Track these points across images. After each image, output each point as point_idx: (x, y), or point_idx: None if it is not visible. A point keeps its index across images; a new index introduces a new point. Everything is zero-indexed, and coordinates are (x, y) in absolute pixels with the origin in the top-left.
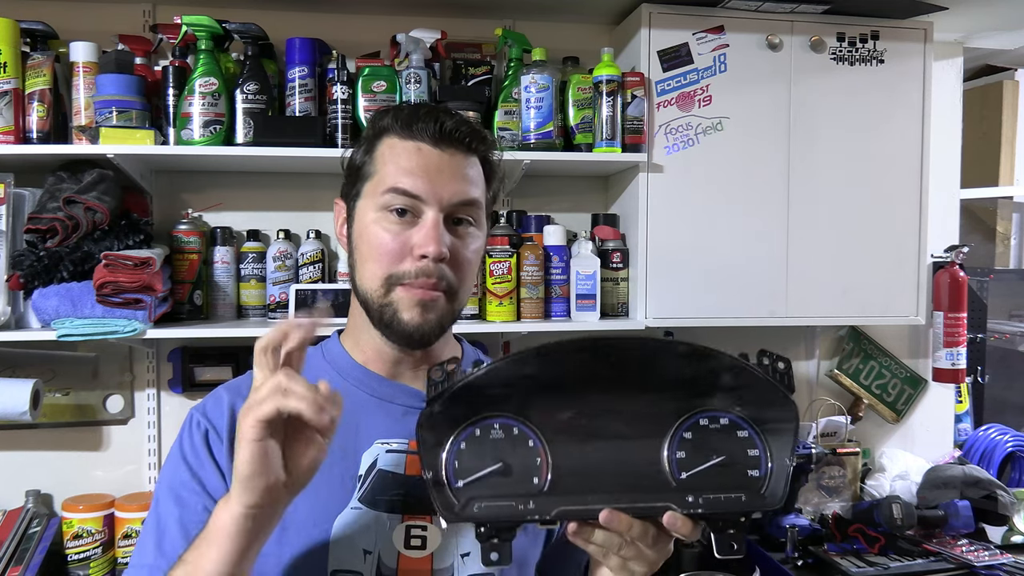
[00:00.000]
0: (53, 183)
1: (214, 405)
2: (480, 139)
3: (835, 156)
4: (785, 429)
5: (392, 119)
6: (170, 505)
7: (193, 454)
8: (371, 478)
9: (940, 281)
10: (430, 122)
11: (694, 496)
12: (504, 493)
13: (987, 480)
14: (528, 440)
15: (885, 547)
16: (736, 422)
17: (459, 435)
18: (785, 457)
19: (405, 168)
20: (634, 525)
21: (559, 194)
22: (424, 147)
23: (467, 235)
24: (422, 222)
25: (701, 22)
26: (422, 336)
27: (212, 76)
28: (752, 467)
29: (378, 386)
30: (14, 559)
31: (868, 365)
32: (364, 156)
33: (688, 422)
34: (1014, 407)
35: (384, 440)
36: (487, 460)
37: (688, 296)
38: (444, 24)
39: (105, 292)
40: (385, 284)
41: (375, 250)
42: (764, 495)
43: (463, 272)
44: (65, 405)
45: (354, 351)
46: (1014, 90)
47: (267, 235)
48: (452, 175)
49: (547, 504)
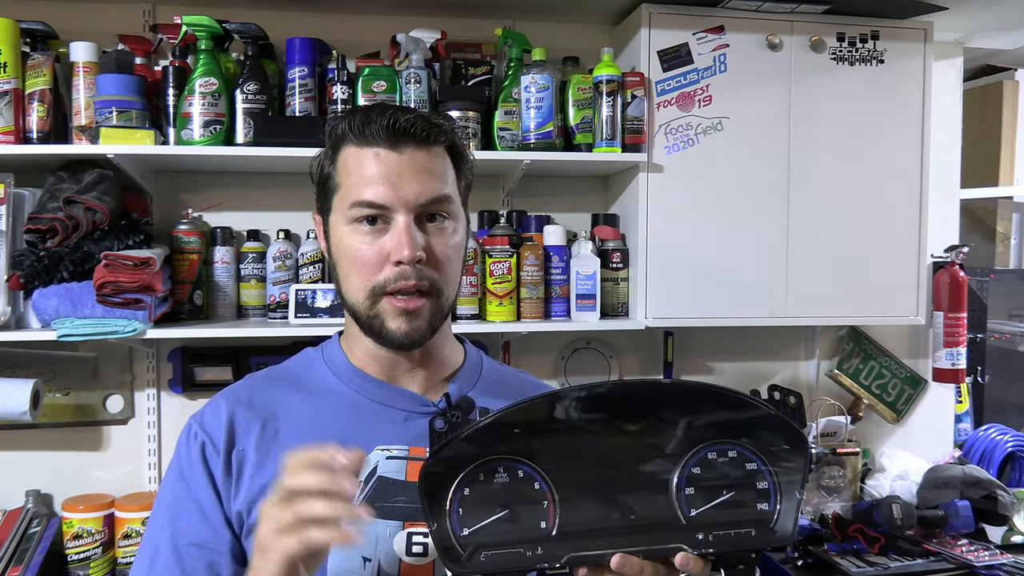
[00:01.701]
0: (53, 183)
1: (212, 415)
2: (437, 130)
3: (835, 156)
4: (795, 463)
5: (347, 126)
6: (163, 523)
7: (189, 469)
8: (371, 485)
9: (940, 281)
10: (383, 122)
11: (704, 534)
12: (511, 540)
13: (987, 480)
14: (534, 483)
15: (885, 547)
16: (745, 454)
17: (463, 481)
18: (795, 491)
19: (367, 178)
20: (645, 567)
21: (559, 194)
22: (381, 152)
23: (442, 231)
24: (393, 228)
25: (701, 22)
26: (412, 342)
27: (212, 76)
28: (762, 501)
29: (378, 391)
30: (14, 559)
31: (868, 365)
32: (329, 167)
33: (696, 456)
34: (1014, 407)
35: (385, 447)
36: (493, 506)
37: (688, 296)
38: (444, 24)
39: (105, 292)
40: (370, 295)
41: (353, 263)
42: (774, 530)
43: (444, 269)
44: (65, 405)
45: (350, 354)
46: (1014, 90)
47: (267, 235)
48: (414, 175)
49: (556, 550)
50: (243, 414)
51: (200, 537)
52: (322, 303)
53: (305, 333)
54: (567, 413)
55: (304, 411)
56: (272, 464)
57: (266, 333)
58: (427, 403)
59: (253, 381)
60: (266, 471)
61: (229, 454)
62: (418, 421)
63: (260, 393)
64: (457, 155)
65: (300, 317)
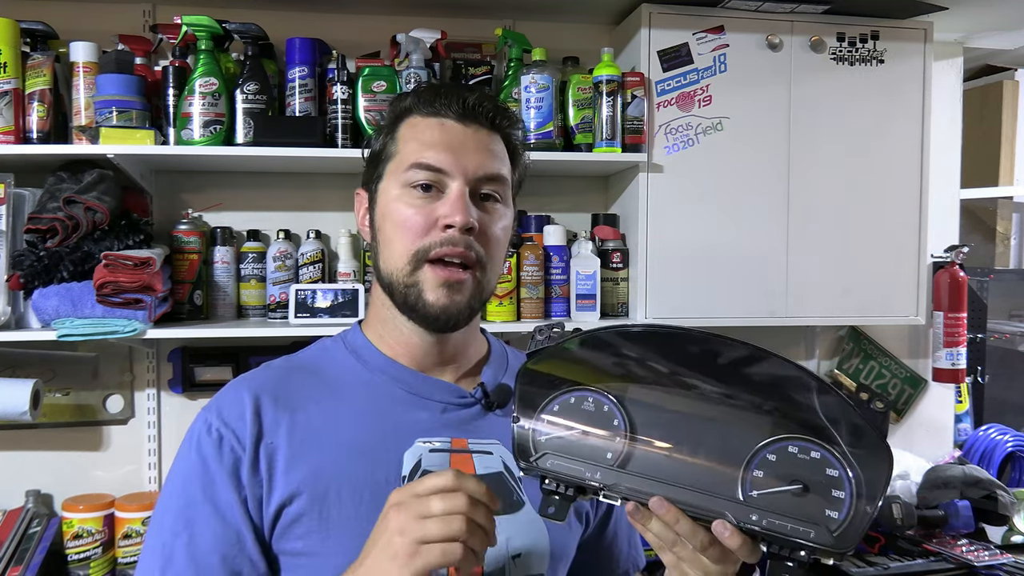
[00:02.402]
0: (53, 183)
1: (232, 407)
2: (504, 115)
3: (835, 156)
4: (877, 476)
5: (413, 98)
6: (177, 527)
7: (205, 467)
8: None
9: (940, 281)
10: (452, 98)
11: (759, 515)
12: (577, 458)
13: (987, 480)
14: (614, 419)
15: (885, 547)
16: (828, 459)
17: (556, 397)
18: (868, 506)
19: (428, 142)
20: (681, 521)
21: (559, 194)
22: (447, 122)
23: (494, 211)
24: (447, 194)
25: (701, 22)
26: (448, 318)
27: (212, 76)
28: (833, 508)
29: (413, 381)
30: (14, 559)
31: (868, 365)
32: (386, 138)
33: (776, 445)
34: (1014, 407)
35: (426, 439)
36: (573, 425)
37: (688, 296)
38: (444, 24)
39: (105, 292)
40: (412, 260)
41: (399, 226)
42: (836, 538)
43: (491, 248)
44: (65, 405)
45: (381, 343)
46: (1014, 90)
47: (267, 235)
48: (476, 148)
49: (611, 479)
50: (269, 404)
51: (221, 545)
52: (322, 303)
53: (305, 333)
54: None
55: (336, 403)
56: (308, 458)
57: (266, 333)
58: (464, 394)
59: (274, 371)
60: (303, 466)
61: (257, 448)
62: (457, 413)
63: (284, 383)
64: (513, 149)
65: (300, 317)
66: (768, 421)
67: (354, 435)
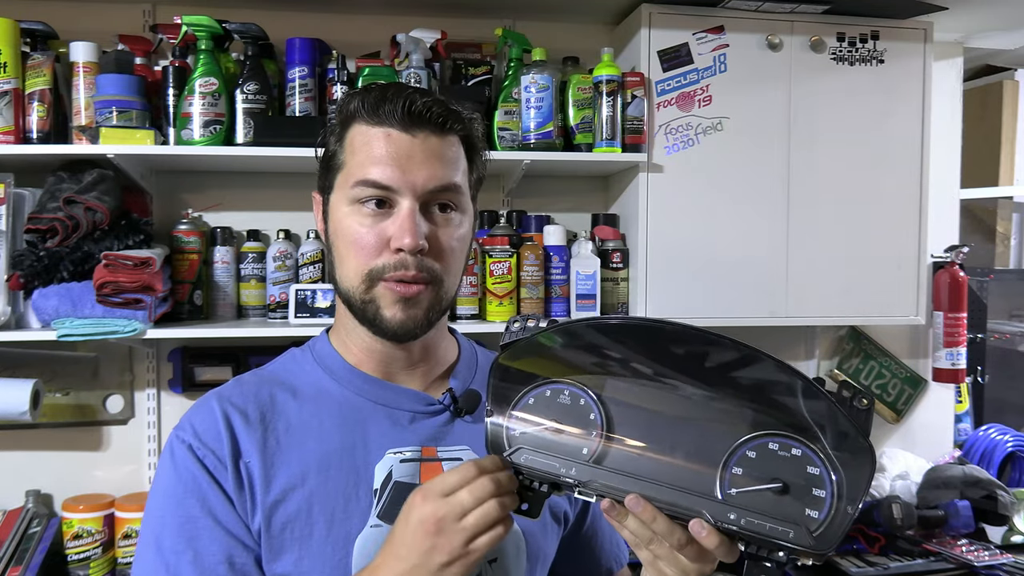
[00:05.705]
0: (53, 183)
1: (206, 424)
2: (454, 117)
3: (835, 156)
4: (859, 476)
5: (359, 103)
6: (179, 546)
7: (195, 484)
8: (388, 491)
9: (940, 281)
10: (398, 103)
11: (737, 514)
12: (552, 453)
13: (987, 480)
14: (591, 414)
15: (885, 547)
16: (809, 456)
17: (531, 390)
18: (849, 506)
19: (374, 157)
20: (658, 519)
21: (559, 194)
22: (393, 132)
23: (448, 222)
24: (396, 213)
25: (701, 22)
26: (406, 332)
27: (212, 76)
28: (813, 507)
29: (380, 392)
30: (14, 559)
31: (868, 365)
32: (335, 144)
33: (756, 441)
34: (1014, 407)
35: (396, 449)
36: (548, 419)
37: (688, 296)
38: (444, 24)
39: (105, 292)
40: (366, 280)
41: (351, 246)
42: (816, 538)
43: (446, 261)
44: (65, 405)
45: (345, 352)
46: (1014, 90)
47: (267, 235)
48: (425, 160)
49: (587, 475)
50: (241, 423)
51: (227, 553)
52: (322, 303)
53: (305, 333)
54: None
55: (304, 417)
56: (279, 475)
57: (266, 333)
58: (432, 401)
59: (242, 385)
60: (275, 483)
61: (236, 465)
62: (425, 421)
63: (254, 400)
64: (471, 146)
65: (300, 317)
66: (748, 417)
67: (324, 450)
